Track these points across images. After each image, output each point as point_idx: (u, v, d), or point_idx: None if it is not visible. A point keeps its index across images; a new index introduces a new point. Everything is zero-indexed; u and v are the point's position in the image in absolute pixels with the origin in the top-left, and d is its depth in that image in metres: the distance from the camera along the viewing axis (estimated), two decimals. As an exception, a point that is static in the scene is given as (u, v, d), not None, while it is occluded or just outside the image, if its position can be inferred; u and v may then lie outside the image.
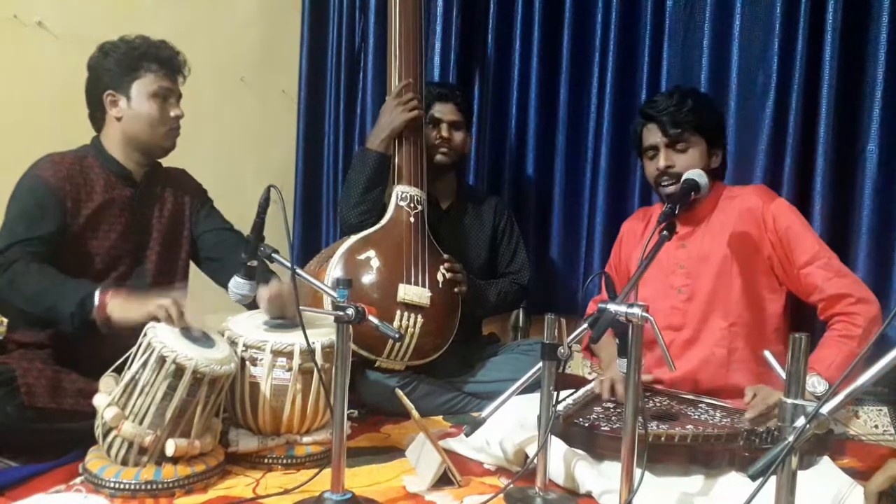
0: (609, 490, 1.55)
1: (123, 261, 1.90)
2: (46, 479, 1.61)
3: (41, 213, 1.78)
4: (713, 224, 2.03)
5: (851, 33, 2.24)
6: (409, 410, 1.74)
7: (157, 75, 1.89)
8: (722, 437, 1.66)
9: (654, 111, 2.03)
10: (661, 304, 2.02)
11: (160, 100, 1.90)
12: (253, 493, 1.61)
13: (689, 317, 2.01)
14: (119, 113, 1.89)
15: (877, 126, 2.22)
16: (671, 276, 2.05)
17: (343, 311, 1.48)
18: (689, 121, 1.98)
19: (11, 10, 2.36)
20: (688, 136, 1.99)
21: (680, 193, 1.88)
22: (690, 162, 1.99)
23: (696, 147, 2.00)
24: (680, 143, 2.00)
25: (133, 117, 1.89)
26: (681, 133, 1.99)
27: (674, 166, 2.00)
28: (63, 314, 1.66)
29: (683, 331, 2.02)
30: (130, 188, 1.93)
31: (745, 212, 1.98)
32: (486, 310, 2.55)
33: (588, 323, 1.47)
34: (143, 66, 1.87)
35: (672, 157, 2.01)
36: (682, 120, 1.98)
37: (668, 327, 2.01)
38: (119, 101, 1.88)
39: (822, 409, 1.05)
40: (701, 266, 2.01)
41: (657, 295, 2.03)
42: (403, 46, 2.37)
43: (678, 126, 1.99)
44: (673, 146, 2.00)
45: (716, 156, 2.05)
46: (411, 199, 2.32)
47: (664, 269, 2.04)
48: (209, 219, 2.08)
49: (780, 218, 1.94)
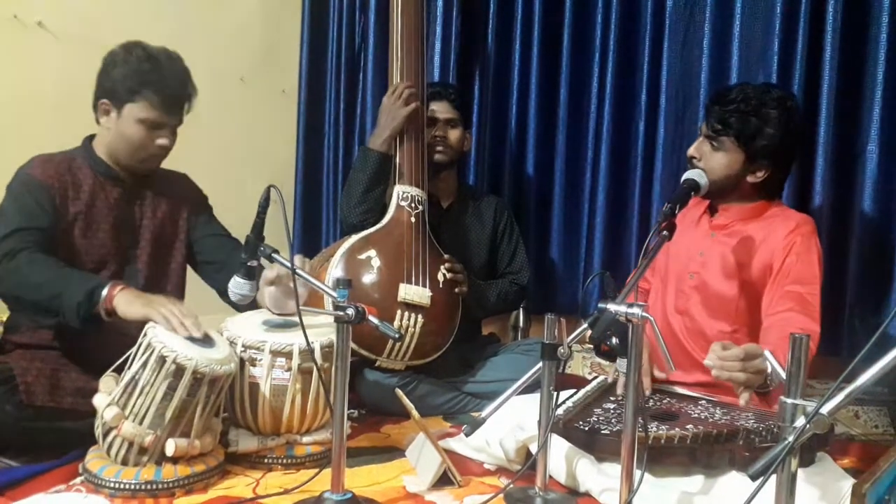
0: (609, 488, 1.56)
1: (112, 260, 1.89)
2: (46, 479, 1.61)
3: (36, 206, 1.78)
4: (749, 229, 1.96)
5: (851, 33, 2.23)
6: (409, 410, 1.74)
7: (152, 105, 1.83)
8: (722, 437, 1.66)
9: (714, 98, 1.96)
10: (673, 281, 2.04)
11: (146, 128, 1.85)
12: (253, 493, 1.61)
13: (691, 304, 2.00)
14: (108, 124, 1.88)
15: (877, 126, 2.21)
16: (691, 260, 2.03)
17: (343, 311, 1.48)
18: (733, 126, 1.89)
19: (11, 10, 2.36)
20: (724, 140, 1.91)
21: (679, 193, 1.86)
22: (715, 164, 1.92)
23: (729, 153, 1.91)
24: (715, 142, 1.93)
25: (116, 133, 1.87)
26: (718, 133, 1.91)
27: (699, 160, 1.95)
28: (70, 303, 1.65)
29: (685, 317, 2.01)
30: (119, 188, 1.93)
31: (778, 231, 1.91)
32: (486, 310, 2.55)
33: (588, 323, 1.47)
34: (143, 92, 1.82)
35: (703, 149, 1.94)
36: (727, 121, 1.90)
37: (674, 307, 2.03)
38: (110, 113, 1.86)
39: (823, 409, 1.05)
40: (716, 262, 1.98)
41: (674, 271, 2.05)
42: (404, 46, 2.37)
43: (721, 125, 1.90)
44: (709, 140, 1.94)
45: (756, 171, 1.93)
46: (412, 199, 2.32)
47: (690, 250, 2.03)
48: (209, 225, 2.07)
49: (798, 242, 1.87)
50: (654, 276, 2.16)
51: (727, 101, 1.91)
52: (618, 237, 2.69)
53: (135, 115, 1.84)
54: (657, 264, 2.12)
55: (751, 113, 1.89)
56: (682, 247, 2.03)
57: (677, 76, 2.54)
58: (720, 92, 1.98)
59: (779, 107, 1.90)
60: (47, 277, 1.69)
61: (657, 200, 2.57)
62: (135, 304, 1.66)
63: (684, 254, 2.04)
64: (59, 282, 1.68)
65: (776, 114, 1.89)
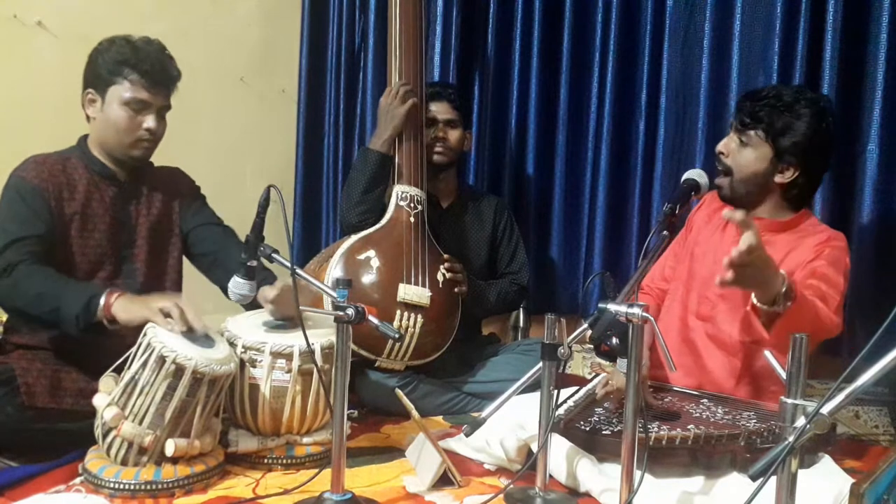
0: (609, 488, 1.55)
1: (109, 260, 1.89)
2: (46, 480, 1.61)
3: (31, 212, 1.77)
4: (778, 241, 1.89)
5: (852, 33, 2.23)
6: (409, 410, 1.74)
7: (133, 84, 1.82)
8: (723, 438, 1.66)
9: (747, 95, 1.93)
10: (697, 287, 1.99)
11: (131, 109, 1.84)
12: (253, 494, 1.61)
13: (716, 312, 1.95)
14: (93, 114, 1.87)
15: (877, 126, 2.21)
16: (716, 266, 1.95)
17: (343, 311, 1.48)
18: (762, 120, 1.85)
19: (11, 9, 2.36)
20: (752, 135, 1.86)
21: (679, 193, 1.84)
22: (742, 160, 1.88)
23: (757, 149, 1.87)
24: (743, 137, 1.88)
25: (102, 121, 1.86)
26: (747, 127, 1.87)
27: (727, 155, 1.91)
28: (68, 316, 1.66)
29: (708, 324, 1.97)
30: (114, 187, 1.92)
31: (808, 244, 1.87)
32: (486, 310, 2.55)
33: (588, 323, 1.46)
34: (124, 72, 1.82)
35: (731, 145, 1.90)
36: (757, 115, 1.85)
37: (695, 314, 1.98)
38: (95, 102, 1.86)
39: (823, 409, 1.04)
40: None
41: (699, 277, 2.00)
42: (403, 46, 2.36)
43: (751, 118, 1.86)
44: (738, 136, 1.90)
45: (784, 170, 1.87)
46: (411, 199, 2.32)
47: (716, 256, 1.95)
48: (199, 214, 2.05)
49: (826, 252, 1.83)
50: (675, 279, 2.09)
51: (759, 97, 1.88)
52: (618, 237, 2.69)
53: (118, 96, 1.83)
54: (679, 268, 2.08)
55: (782, 108, 1.85)
56: (709, 252, 2.00)
57: (678, 76, 2.54)
58: (753, 90, 1.96)
59: (811, 106, 1.86)
60: (45, 290, 1.69)
61: (657, 200, 2.57)
62: (132, 310, 1.65)
63: (711, 260, 1.99)
64: (57, 294, 1.68)
65: (808, 112, 1.85)
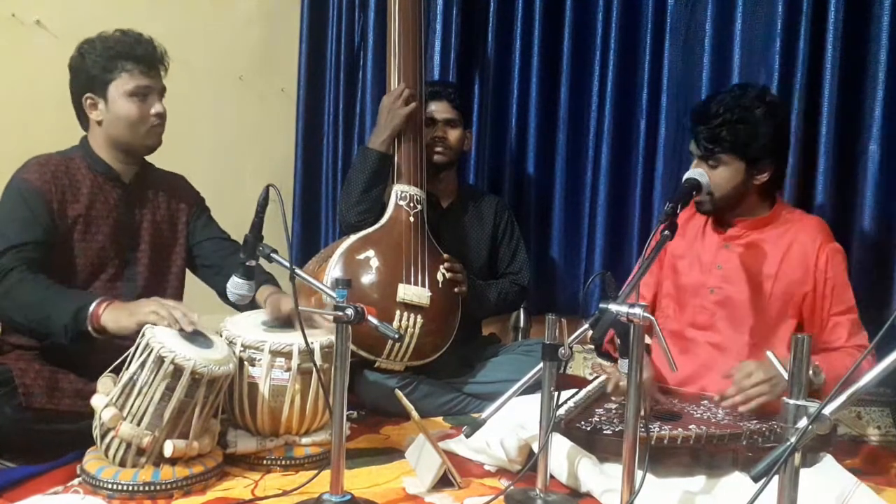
0: (610, 489, 1.55)
1: (112, 263, 1.88)
2: (44, 481, 1.60)
3: (31, 216, 1.76)
4: (766, 238, 1.94)
5: (853, 33, 2.23)
6: (409, 411, 1.74)
7: (132, 74, 1.83)
8: (725, 438, 1.65)
9: (696, 119, 1.91)
10: (689, 299, 1.99)
11: (138, 99, 1.84)
12: (251, 495, 1.60)
13: (716, 319, 1.96)
14: (99, 116, 1.86)
15: (878, 125, 2.21)
16: (707, 274, 1.98)
17: (342, 311, 1.47)
18: (725, 140, 1.84)
19: (10, 9, 2.36)
20: (720, 156, 1.86)
21: (680, 192, 1.85)
22: (719, 180, 1.88)
23: (729, 166, 1.87)
24: (711, 160, 1.88)
25: (113, 120, 1.85)
26: (712, 151, 1.86)
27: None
28: (57, 325, 1.65)
29: (709, 332, 1.97)
30: (119, 189, 1.91)
31: (802, 242, 1.91)
32: (487, 310, 2.54)
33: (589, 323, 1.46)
34: (119, 65, 1.82)
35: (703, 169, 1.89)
36: (718, 137, 1.85)
37: (692, 325, 1.99)
38: (98, 104, 1.85)
39: (825, 410, 1.04)
40: (739, 274, 1.94)
41: (689, 288, 2.00)
42: (403, 45, 2.36)
43: (713, 142, 1.85)
44: (706, 161, 1.89)
45: (760, 173, 1.90)
46: (410, 199, 2.31)
47: (703, 264, 1.98)
48: (207, 228, 2.07)
49: (832, 263, 1.88)
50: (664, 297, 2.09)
51: (709, 116, 1.87)
52: (618, 237, 2.69)
53: (121, 89, 1.83)
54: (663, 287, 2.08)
55: (737, 121, 1.84)
56: (694, 262, 2.00)
57: (678, 74, 2.54)
58: (698, 111, 1.93)
59: (762, 104, 1.87)
60: (36, 299, 1.68)
61: (658, 200, 2.57)
62: (121, 319, 1.64)
63: (697, 269, 1.99)
64: (48, 303, 1.67)
65: (761, 111, 1.86)
